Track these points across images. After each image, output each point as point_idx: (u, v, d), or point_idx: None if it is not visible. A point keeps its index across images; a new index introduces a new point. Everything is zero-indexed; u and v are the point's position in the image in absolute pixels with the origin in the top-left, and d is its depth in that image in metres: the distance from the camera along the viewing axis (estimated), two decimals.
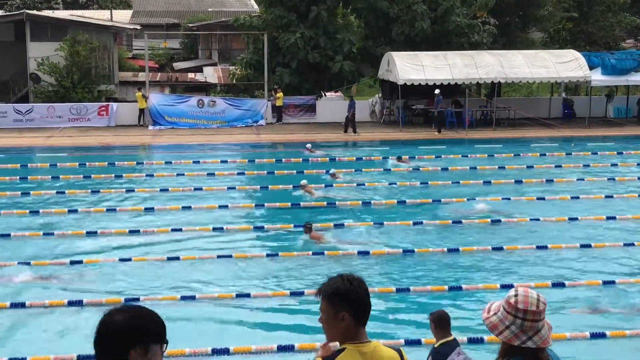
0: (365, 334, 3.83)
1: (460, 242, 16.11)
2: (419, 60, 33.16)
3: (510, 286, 12.87)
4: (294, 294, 12.83)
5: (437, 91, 32.01)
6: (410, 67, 32.60)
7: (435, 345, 7.78)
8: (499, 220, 17.75)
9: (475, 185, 22.00)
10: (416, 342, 10.85)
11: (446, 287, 13.17)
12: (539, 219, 17.87)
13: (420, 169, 24.45)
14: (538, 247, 15.60)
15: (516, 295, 3.65)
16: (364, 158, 26.49)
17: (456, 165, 24.85)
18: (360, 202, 19.83)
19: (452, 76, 32.63)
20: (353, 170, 24.37)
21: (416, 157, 26.37)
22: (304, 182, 20.80)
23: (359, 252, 15.28)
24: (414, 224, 17.54)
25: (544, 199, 20.14)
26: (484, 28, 38.51)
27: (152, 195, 20.90)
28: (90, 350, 9.67)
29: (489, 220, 17.80)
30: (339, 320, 3.76)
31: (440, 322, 7.83)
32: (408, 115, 35.04)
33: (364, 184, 22.02)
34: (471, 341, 10.78)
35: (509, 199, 20.04)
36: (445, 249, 15.40)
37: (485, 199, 19.88)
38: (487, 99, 36.43)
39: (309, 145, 27.60)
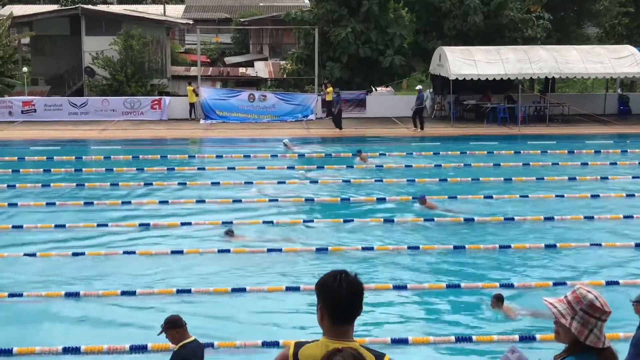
0: (347, 333, 3.85)
1: (513, 239, 15.92)
2: (471, 55, 32.83)
3: (563, 284, 12.72)
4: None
5: (418, 87, 32.39)
6: (462, 61, 32.30)
7: (176, 348, 7.65)
8: (552, 218, 17.50)
9: (528, 181, 21.73)
10: (467, 339, 10.78)
11: (497, 284, 13.03)
12: (593, 217, 17.58)
13: (472, 164, 24.23)
14: (592, 245, 15.36)
15: (597, 298, 3.61)
16: (414, 154, 26.32)
17: (508, 162, 24.57)
18: (410, 197, 19.73)
19: (505, 71, 32.22)
20: (403, 165, 24.30)
21: (467, 152, 26.13)
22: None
23: (409, 247, 15.21)
24: (465, 220, 17.40)
25: (598, 196, 19.79)
26: (538, 23, 37.94)
27: (203, 188, 21.08)
28: (142, 340, 9.72)
29: (542, 217, 17.57)
30: (319, 312, 3.87)
31: (176, 326, 7.69)
32: (459, 110, 34.75)
33: (414, 180, 21.90)
34: (523, 339, 10.66)
35: (563, 196, 19.74)
36: (497, 246, 15.24)
37: (538, 195, 19.67)
38: (541, 94, 35.92)
39: (286, 141, 27.61)
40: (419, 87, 32.49)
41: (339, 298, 3.78)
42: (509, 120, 33.01)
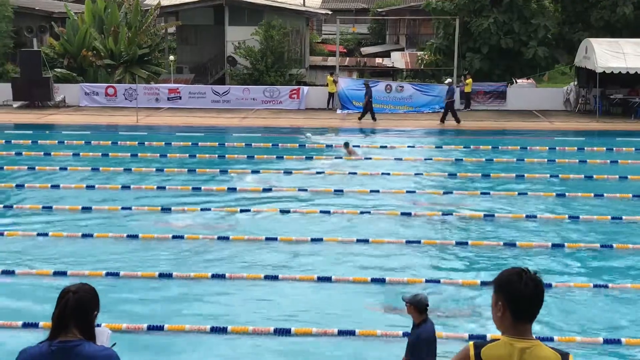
0: (528, 331, 3.86)
1: None
2: (620, 48, 31.47)
3: None
4: (484, 283, 12.58)
5: (448, 80, 32.08)
6: (610, 54, 31.02)
7: None
8: None
9: None
10: (617, 342, 10.40)
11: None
12: None
13: (619, 162, 23.30)
14: None
15: None
16: (557, 148, 25.54)
17: None
18: (554, 194, 19.21)
19: None
20: (545, 160, 23.65)
21: (614, 149, 25.12)
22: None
23: (553, 245, 14.81)
24: (613, 218, 16.76)
25: None
26: None
27: (340, 177, 21.25)
28: (288, 324, 9.86)
29: None
30: (497, 308, 3.86)
31: None
32: (605, 104, 33.42)
33: (557, 176, 21.28)
34: None
35: None
36: None
37: None
38: None
39: (308, 135, 27.64)
40: (448, 80, 32.31)
41: (524, 296, 3.79)
42: None
